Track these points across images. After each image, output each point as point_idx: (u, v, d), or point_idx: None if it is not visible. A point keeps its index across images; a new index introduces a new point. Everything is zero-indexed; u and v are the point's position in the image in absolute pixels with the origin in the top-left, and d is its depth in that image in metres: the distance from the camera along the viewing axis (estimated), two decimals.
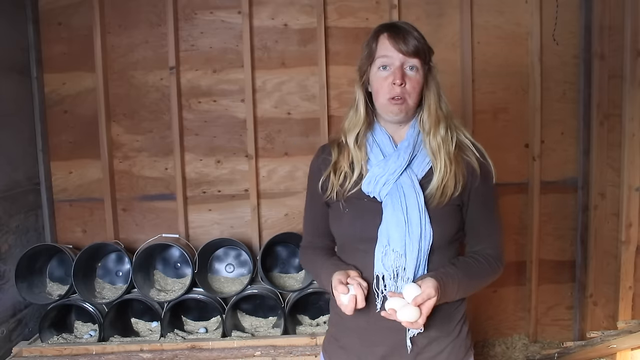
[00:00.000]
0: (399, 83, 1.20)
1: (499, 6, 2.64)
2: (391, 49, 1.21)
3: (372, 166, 1.25)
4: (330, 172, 1.29)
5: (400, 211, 1.18)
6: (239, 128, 2.63)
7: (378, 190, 1.22)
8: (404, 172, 1.22)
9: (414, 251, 1.18)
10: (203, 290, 2.39)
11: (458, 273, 1.21)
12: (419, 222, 1.18)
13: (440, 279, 1.15)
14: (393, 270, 1.18)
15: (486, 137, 2.64)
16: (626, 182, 2.28)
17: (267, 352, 2.23)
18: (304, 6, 2.60)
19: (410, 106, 1.23)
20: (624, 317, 2.26)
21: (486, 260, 1.28)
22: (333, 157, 1.31)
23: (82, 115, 2.58)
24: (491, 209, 1.32)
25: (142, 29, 2.57)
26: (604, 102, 2.51)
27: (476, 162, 1.27)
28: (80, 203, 2.62)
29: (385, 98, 1.22)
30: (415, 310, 1.09)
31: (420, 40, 1.22)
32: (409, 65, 1.21)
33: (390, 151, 1.26)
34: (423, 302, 1.09)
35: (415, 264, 1.18)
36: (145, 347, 2.25)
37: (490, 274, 1.29)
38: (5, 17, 2.34)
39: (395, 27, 1.23)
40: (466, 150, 1.28)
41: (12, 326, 2.30)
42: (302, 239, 1.44)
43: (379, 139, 1.28)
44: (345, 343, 1.31)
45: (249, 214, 2.66)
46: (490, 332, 2.81)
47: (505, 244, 2.83)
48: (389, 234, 1.19)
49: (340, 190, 1.26)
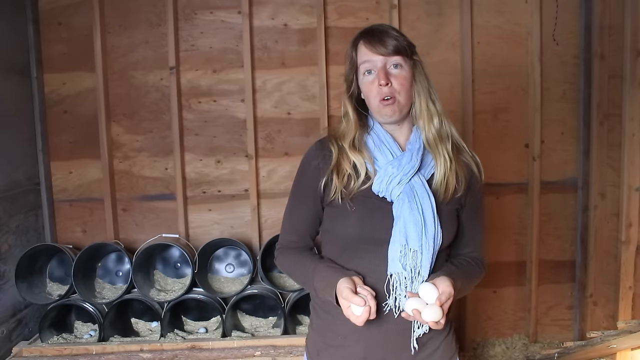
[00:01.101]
0: (384, 83, 1.19)
1: (499, 6, 2.64)
2: (370, 53, 1.21)
3: (381, 166, 1.23)
4: (333, 172, 1.25)
5: (417, 211, 1.18)
6: (239, 128, 2.63)
7: (391, 189, 1.20)
8: (416, 173, 1.22)
9: (430, 250, 1.19)
10: (203, 290, 2.39)
11: (459, 272, 1.23)
12: (433, 222, 1.20)
13: (452, 277, 1.16)
14: (411, 269, 1.18)
15: (486, 137, 2.67)
16: (626, 182, 2.28)
17: (267, 352, 2.23)
18: (304, 6, 2.60)
19: (402, 104, 1.23)
20: (624, 317, 2.25)
21: (475, 263, 1.31)
22: (334, 157, 1.26)
23: (82, 115, 2.58)
24: (481, 214, 1.34)
25: (142, 29, 2.57)
26: (604, 102, 2.51)
27: (474, 164, 1.29)
28: (80, 203, 2.62)
29: (376, 101, 1.22)
30: (439, 309, 1.09)
31: (399, 37, 1.22)
32: (392, 63, 1.21)
33: (397, 152, 1.25)
34: (446, 300, 1.11)
35: (429, 264, 1.19)
36: (145, 347, 2.25)
37: (479, 277, 1.32)
38: (5, 17, 2.34)
39: (371, 32, 1.23)
40: (463, 152, 1.29)
41: (12, 326, 2.30)
42: (280, 237, 1.36)
43: (383, 138, 1.26)
44: (341, 350, 1.27)
45: (249, 214, 2.66)
46: (490, 332, 2.81)
47: (505, 244, 2.86)
48: (407, 234, 1.18)
49: (345, 191, 1.24)
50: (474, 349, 2.77)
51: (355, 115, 1.28)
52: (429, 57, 2.63)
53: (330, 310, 1.26)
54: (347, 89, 1.29)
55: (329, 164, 1.26)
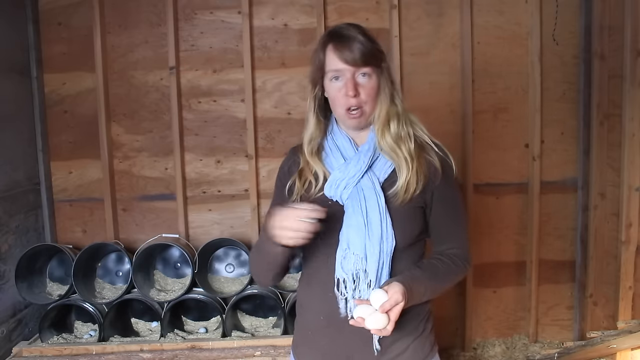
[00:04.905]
0: (352, 94, 1.18)
1: (499, 6, 2.64)
2: (339, 62, 1.18)
3: (333, 170, 1.24)
4: (296, 177, 1.28)
5: (359, 214, 1.17)
6: (239, 128, 2.63)
7: (339, 193, 1.21)
8: (365, 175, 1.21)
9: (374, 254, 1.16)
10: (203, 290, 2.39)
11: (424, 275, 1.19)
12: (379, 224, 1.17)
13: (406, 282, 1.13)
14: (353, 273, 1.17)
15: (486, 137, 2.67)
16: (626, 182, 2.28)
17: (267, 352, 2.23)
18: (304, 6, 2.60)
19: (368, 113, 1.22)
20: (624, 317, 2.25)
21: (451, 260, 1.26)
22: (301, 162, 1.29)
23: (82, 115, 2.58)
24: (455, 208, 1.29)
25: (142, 29, 2.57)
26: (604, 102, 2.51)
27: (438, 161, 1.25)
28: (80, 203, 2.62)
29: (343, 109, 1.21)
30: (383, 317, 1.07)
31: (368, 45, 1.19)
32: (361, 73, 1.19)
33: (352, 154, 1.25)
34: (391, 307, 1.08)
35: (377, 267, 1.17)
36: (145, 347, 2.25)
37: (457, 274, 1.27)
38: (5, 17, 2.34)
39: (339, 36, 1.20)
40: (427, 149, 1.26)
41: (12, 326, 2.30)
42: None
43: (339, 142, 1.27)
44: (311, 344, 1.30)
45: (249, 214, 2.66)
46: (490, 332, 2.81)
47: (505, 244, 2.86)
48: (349, 237, 1.18)
49: (306, 195, 1.25)
50: (474, 349, 2.77)
51: (315, 117, 1.28)
52: (429, 57, 2.63)
53: (303, 303, 1.32)
54: (312, 89, 1.27)
55: (297, 169, 1.29)
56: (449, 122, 2.65)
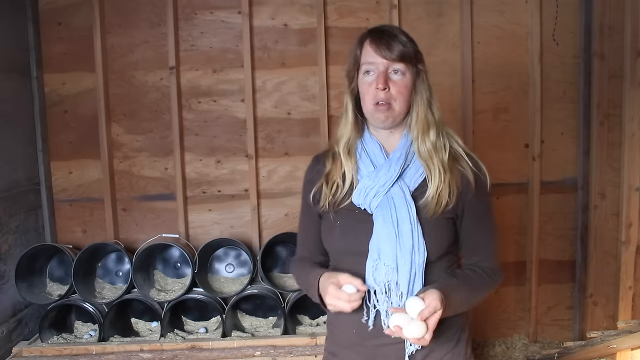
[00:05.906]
0: (382, 87, 1.16)
1: (499, 6, 2.64)
2: (374, 55, 1.18)
3: (362, 177, 1.21)
4: (323, 182, 1.25)
5: (390, 223, 1.15)
6: (239, 128, 2.63)
7: (368, 202, 1.18)
8: (395, 183, 1.19)
9: (406, 264, 1.14)
10: (203, 290, 2.39)
11: (460, 284, 1.16)
12: (410, 235, 1.14)
13: (443, 290, 1.09)
14: (384, 284, 1.14)
15: (486, 137, 2.67)
16: (626, 182, 2.28)
17: (267, 352, 2.23)
18: (304, 6, 2.60)
19: (397, 111, 1.20)
20: (624, 317, 2.25)
21: (484, 271, 1.23)
22: (327, 167, 1.27)
23: (82, 115, 2.58)
24: (487, 221, 1.27)
25: (142, 29, 2.57)
26: (604, 102, 2.51)
27: (471, 173, 1.22)
28: (80, 203, 2.62)
29: (371, 104, 1.19)
30: (422, 325, 1.03)
31: (407, 44, 1.19)
32: (394, 69, 1.18)
33: (381, 161, 1.22)
34: (430, 315, 1.04)
35: (408, 278, 1.14)
36: (145, 347, 2.25)
37: (490, 285, 1.25)
38: (5, 17, 2.34)
39: (379, 32, 1.20)
40: (460, 161, 1.24)
41: (12, 326, 2.30)
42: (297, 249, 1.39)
43: (369, 148, 1.24)
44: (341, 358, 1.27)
45: (249, 214, 2.66)
46: (490, 332, 2.81)
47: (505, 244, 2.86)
48: (380, 247, 1.15)
49: (332, 201, 1.22)
50: (474, 349, 2.77)
51: (353, 114, 1.26)
52: (429, 57, 2.60)
53: (332, 320, 1.29)
54: (349, 84, 1.26)
55: (322, 176, 1.27)
56: (449, 122, 2.58)
